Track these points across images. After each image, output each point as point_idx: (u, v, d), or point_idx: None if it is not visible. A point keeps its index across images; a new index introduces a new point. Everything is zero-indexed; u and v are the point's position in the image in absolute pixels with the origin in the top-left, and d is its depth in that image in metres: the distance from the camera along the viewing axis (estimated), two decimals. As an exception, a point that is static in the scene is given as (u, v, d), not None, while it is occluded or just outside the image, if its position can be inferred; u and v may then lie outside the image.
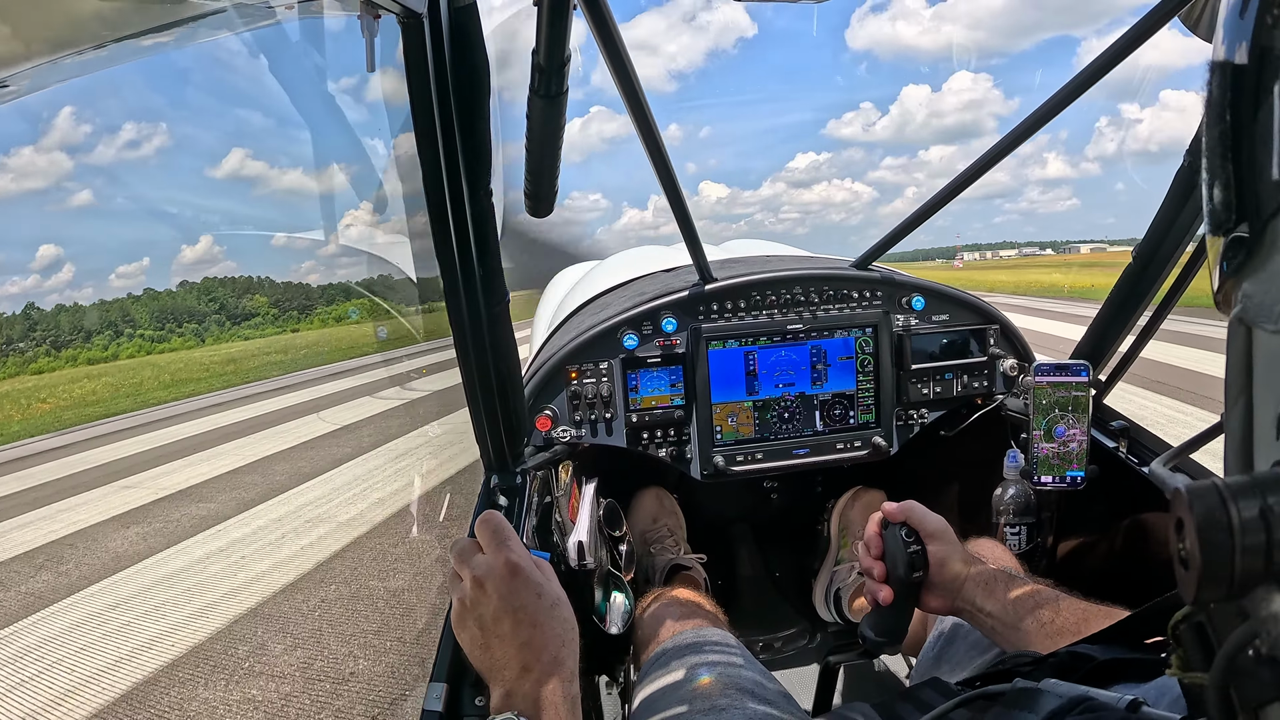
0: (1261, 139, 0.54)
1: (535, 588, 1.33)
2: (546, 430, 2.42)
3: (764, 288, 2.56)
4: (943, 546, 1.66)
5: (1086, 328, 2.39)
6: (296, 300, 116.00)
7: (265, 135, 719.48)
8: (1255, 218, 0.55)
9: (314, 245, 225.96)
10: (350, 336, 53.96)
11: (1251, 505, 0.50)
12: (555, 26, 1.25)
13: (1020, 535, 2.37)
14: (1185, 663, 0.68)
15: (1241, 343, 0.60)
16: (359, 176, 1.77)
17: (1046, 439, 2.25)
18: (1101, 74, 1.68)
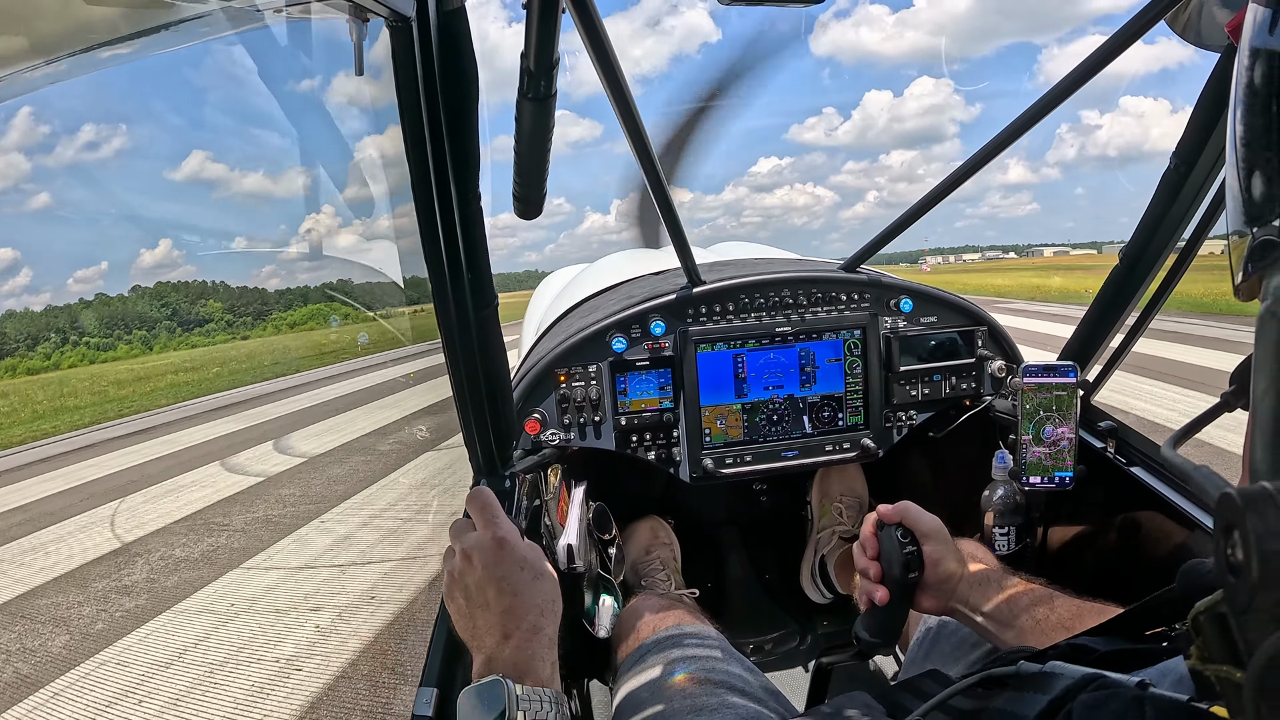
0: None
1: (519, 560, 1.38)
2: (535, 433, 2.42)
3: (752, 290, 2.56)
4: (938, 547, 1.66)
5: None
6: (253, 305, 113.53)
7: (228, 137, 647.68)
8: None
9: (275, 250, 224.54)
10: (308, 344, 51.32)
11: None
12: (544, 29, 1.25)
13: (1009, 536, 2.37)
14: (1204, 653, 0.66)
15: (1274, 336, 0.58)
16: (346, 181, 1.77)
17: (1035, 440, 2.26)
18: (1088, 77, 1.69)
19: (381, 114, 1.44)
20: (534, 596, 1.37)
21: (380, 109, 1.44)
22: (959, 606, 1.64)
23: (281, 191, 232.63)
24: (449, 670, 1.48)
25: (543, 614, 1.37)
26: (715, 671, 1.74)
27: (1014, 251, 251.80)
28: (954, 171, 2.16)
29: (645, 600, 2.13)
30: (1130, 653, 1.01)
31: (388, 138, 1.45)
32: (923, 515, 1.71)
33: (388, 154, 1.50)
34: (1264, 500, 0.50)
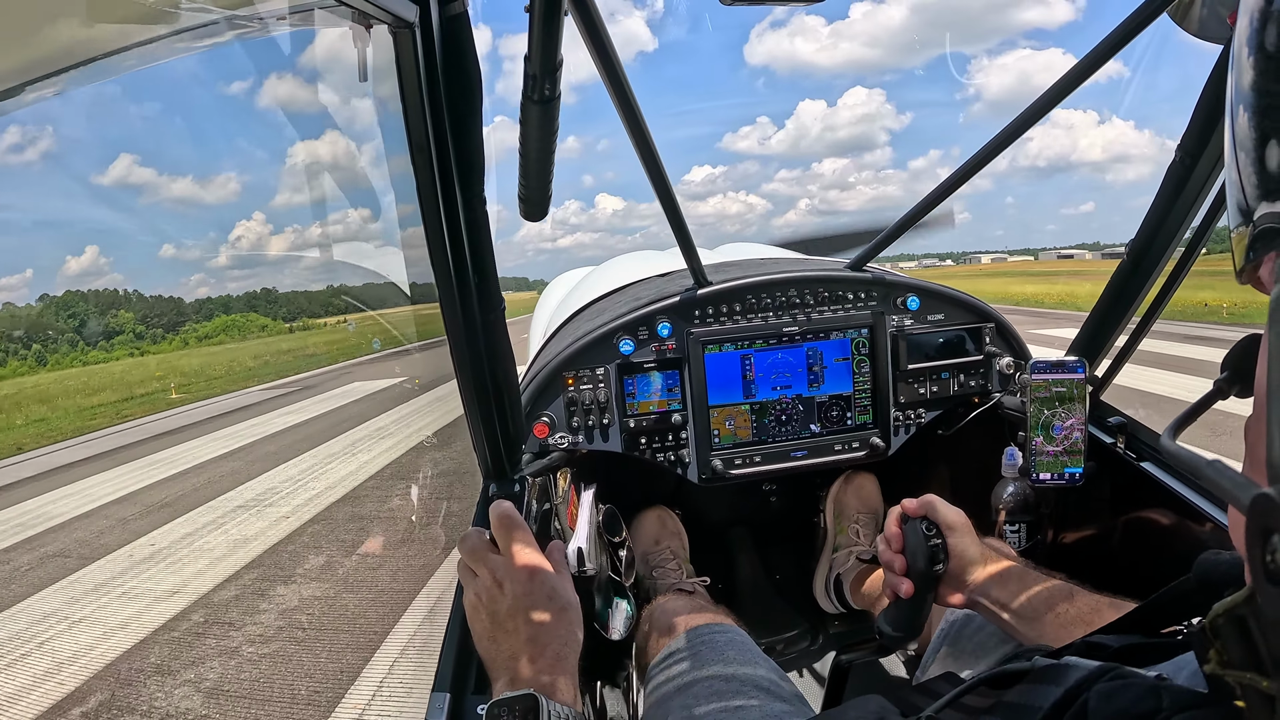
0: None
1: (549, 592, 1.41)
2: (544, 437, 2.42)
3: (759, 290, 2.56)
4: (962, 539, 1.67)
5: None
6: (167, 316, 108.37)
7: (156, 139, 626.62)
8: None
9: (204, 257, 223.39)
10: (214, 365, 42.59)
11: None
12: (547, 31, 1.25)
13: (1020, 533, 2.37)
14: (1224, 657, 0.63)
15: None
16: (351, 186, 1.77)
17: (1044, 436, 2.26)
18: (1091, 71, 1.68)
19: (386, 119, 1.44)
20: (560, 628, 1.39)
21: (384, 114, 1.44)
22: (981, 599, 1.64)
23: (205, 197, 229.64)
24: (462, 676, 1.48)
25: (566, 644, 1.39)
26: (745, 671, 1.76)
27: (950, 259, 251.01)
28: (956, 171, 2.15)
29: (669, 601, 2.13)
30: (1145, 648, 1.00)
31: (392, 143, 1.45)
32: (948, 508, 1.71)
33: (393, 159, 1.51)
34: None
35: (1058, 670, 0.92)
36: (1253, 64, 0.56)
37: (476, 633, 1.43)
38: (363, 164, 1.72)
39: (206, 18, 1.21)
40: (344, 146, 1.65)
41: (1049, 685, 0.89)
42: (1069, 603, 1.52)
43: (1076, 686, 0.82)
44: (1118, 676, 0.80)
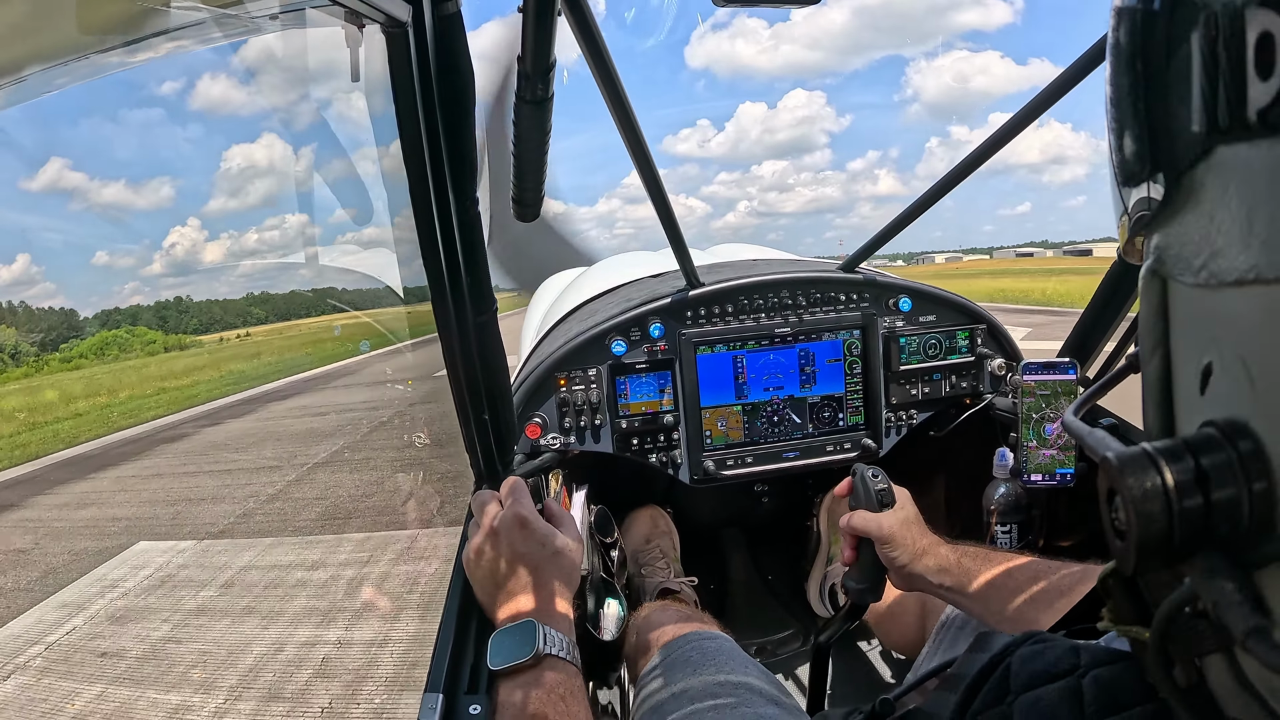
0: (1176, 88, 0.52)
1: (540, 538, 1.54)
2: (536, 438, 2.42)
3: (751, 292, 2.56)
4: (901, 537, 1.77)
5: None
6: (58, 330, 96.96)
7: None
8: (1170, 169, 0.54)
9: (138, 264, 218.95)
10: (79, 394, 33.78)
11: (1185, 469, 0.49)
12: (541, 32, 1.25)
13: (1011, 534, 2.37)
14: (1116, 614, 0.68)
15: (1156, 295, 0.59)
16: (343, 187, 1.76)
17: (1036, 438, 2.26)
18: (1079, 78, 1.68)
19: (378, 120, 1.44)
20: (553, 572, 1.53)
21: (377, 115, 1.44)
22: (928, 583, 1.75)
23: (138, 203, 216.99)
24: (455, 676, 1.48)
25: (555, 582, 1.52)
26: (737, 679, 1.77)
27: (901, 259, 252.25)
28: (945, 175, 2.15)
29: (657, 611, 2.14)
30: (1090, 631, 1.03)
31: (384, 144, 1.45)
32: (879, 522, 1.80)
33: (385, 160, 1.50)
34: (1142, 462, 0.51)
35: (987, 639, 0.96)
36: (1110, 59, 0.60)
37: (477, 580, 1.56)
38: (353, 165, 1.72)
39: (196, 16, 1.20)
40: (335, 147, 1.64)
41: (978, 653, 0.92)
42: (1007, 574, 1.61)
43: (1001, 652, 0.85)
44: (1039, 641, 0.83)
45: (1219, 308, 0.50)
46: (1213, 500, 0.48)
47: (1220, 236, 0.49)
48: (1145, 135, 0.56)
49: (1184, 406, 0.58)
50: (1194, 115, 0.49)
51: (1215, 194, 0.49)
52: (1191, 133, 0.50)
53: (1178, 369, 0.59)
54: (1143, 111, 0.56)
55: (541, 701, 1.30)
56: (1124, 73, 0.57)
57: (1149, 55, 0.55)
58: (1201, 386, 0.54)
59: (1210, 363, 0.53)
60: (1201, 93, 0.48)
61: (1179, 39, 0.51)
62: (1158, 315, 0.60)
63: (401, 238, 1.58)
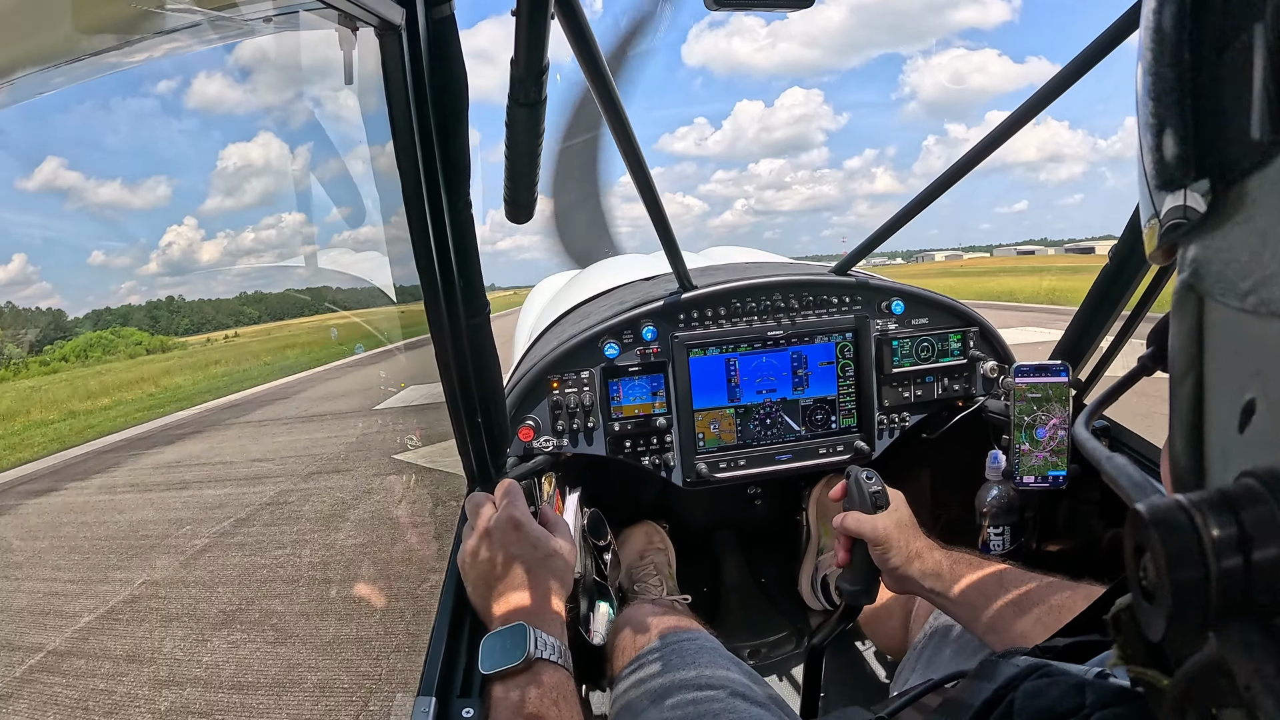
0: (1231, 85, 0.47)
1: (533, 540, 1.56)
2: (529, 440, 2.42)
3: (744, 294, 2.57)
4: (894, 540, 1.77)
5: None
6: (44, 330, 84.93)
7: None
8: (1219, 177, 0.49)
9: (134, 264, 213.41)
10: None
11: (1226, 526, 0.43)
12: (534, 34, 1.25)
13: (1004, 536, 2.38)
14: (1126, 653, 0.64)
15: (1192, 312, 0.54)
16: (337, 190, 1.76)
17: (1028, 440, 2.27)
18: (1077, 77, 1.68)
19: (371, 123, 1.44)
20: (545, 573, 1.54)
21: (370, 118, 1.44)
22: (920, 587, 1.75)
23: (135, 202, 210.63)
24: (447, 679, 1.48)
25: (547, 584, 1.53)
26: (717, 676, 1.77)
27: (900, 257, 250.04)
28: (938, 179, 2.15)
29: (639, 609, 2.13)
30: (1093, 645, 1.02)
31: (377, 146, 1.45)
32: (873, 523, 1.80)
33: (378, 163, 1.50)
34: (1177, 519, 0.45)
35: (993, 667, 0.95)
36: (1150, 44, 0.54)
37: (471, 581, 1.56)
38: (347, 166, 1.72)
39: (191, 19, 1.20)
40: (329, 149, 1.64)
41: (983, 681, 0.91)
42: (999, 584, 1.62)
43: (1006, 684, 0.84)
44: (1045, 675, 0.82)
45: (1268, 340, 0.45)
46: (1254, 562, 0.42)
47: (1276, 260, 0.44)
48: (1191, 136, 0.50)
49: (1218, 442, 0.53)
50: (1253, 119, 0.44)
51: (1272, 210, 0.44)
52: (1248, 138, 0.45)
53: (1212, 398, 0.54)
54: (1189, 109, 0.50)
55: (533, 705, 1.30)
56: (1168, 62, 0.51)
57: (1200, 43, 0.49)
58: (1241, 424, 0.49)
59: (1253, 400, 0.47)
60: (1265, 95, 0.43)
61: (1238, 27, 0.46)
62: (1192, 336, 0.55)
63: (395, 238, 1.58)
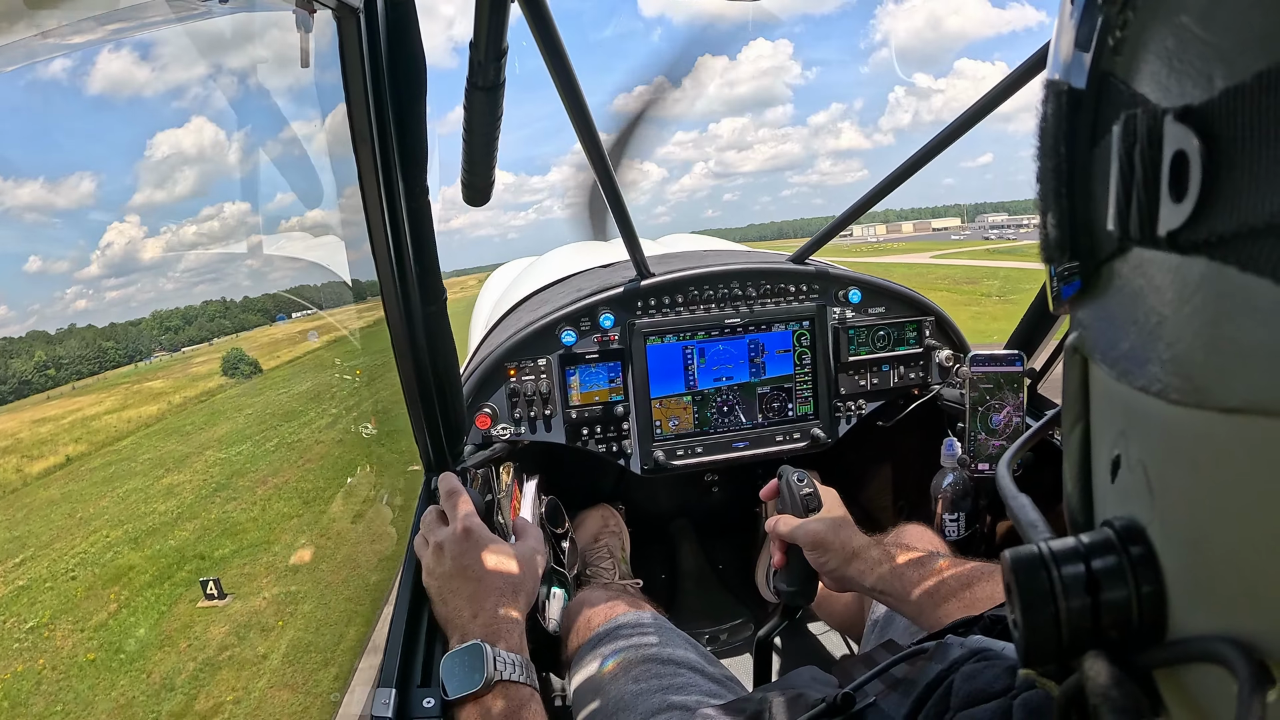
0: (1098, 178, 0.50)
1: (485, 550, 1.59)
2: (486, 428, 2.40)
3: (701, 282, 2.57)
4: (832, 542, 1.74)
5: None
6: None
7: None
8: (1089, 259, 0.54)
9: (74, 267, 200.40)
10: None
11: (1074, 572, 0.50)
12: (494, 18, 1.24)
13: (959, 522, 2.40)
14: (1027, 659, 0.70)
15: (1078, 371, 0.60)
16: (293, 177, 1.74)
17: (983, 428, 2.29)
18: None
19: (328, 107, 1.41)
20: (496, 580, 1.56)
21: (327, 102, 1.42)
22: (853, 587, 1.75)
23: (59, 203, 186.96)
24: (407, 670, 1.48)
25: (504, 594, 1.55)
26: (676, 654, 1.79)
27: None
28: (899, 167, 2.16)
29: (589, 593, 2.14)
30: None
31: (334, 132, 1.42)
32: (806, 529, 1.78)
33: (334, 148, 1.48)
34: (1033, 566, 0.52)
35: (944, 649, 0.99)
36: (1037, 136, 0.58)
37: (431, 598, 1.58)
38: (298, 153, 1.69)
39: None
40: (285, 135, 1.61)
41: (934, 663, 0.95)
42: (938, 577, 1.61)
43: (950, 666, 0.87)
44: (984, 658, 0.86)
45: (1129, 405, 0.50)
46: (1101, 601, 0.49)
47: (1132, 336, 0.48)
48: (1066, 222, 0.55)
49: (1099, 487, 0.59)
50: (1110, 215, 0.48)
51: (1130, 292, 0.49)
52: (1107, 230, 0.48)
53: (1095, 447, 0.59)
54: (1064, 198, 0.55)
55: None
56: (1048, 154, 0.56)
57: (1074, 138, 0.53)
58: (1112, 475, 0.54)
59: (1119, 455, 0.53)
60: (1117, 197, 0.47)
61: (1104, 127, 0.49)
62: (1079, 391, 0.60)
63: (350, 227, 1.56)
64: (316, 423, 26.86)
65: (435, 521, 1.68)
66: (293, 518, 17.62)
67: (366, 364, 18.75)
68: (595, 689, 1.76)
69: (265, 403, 32.06)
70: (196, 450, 26.17)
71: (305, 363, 39.58)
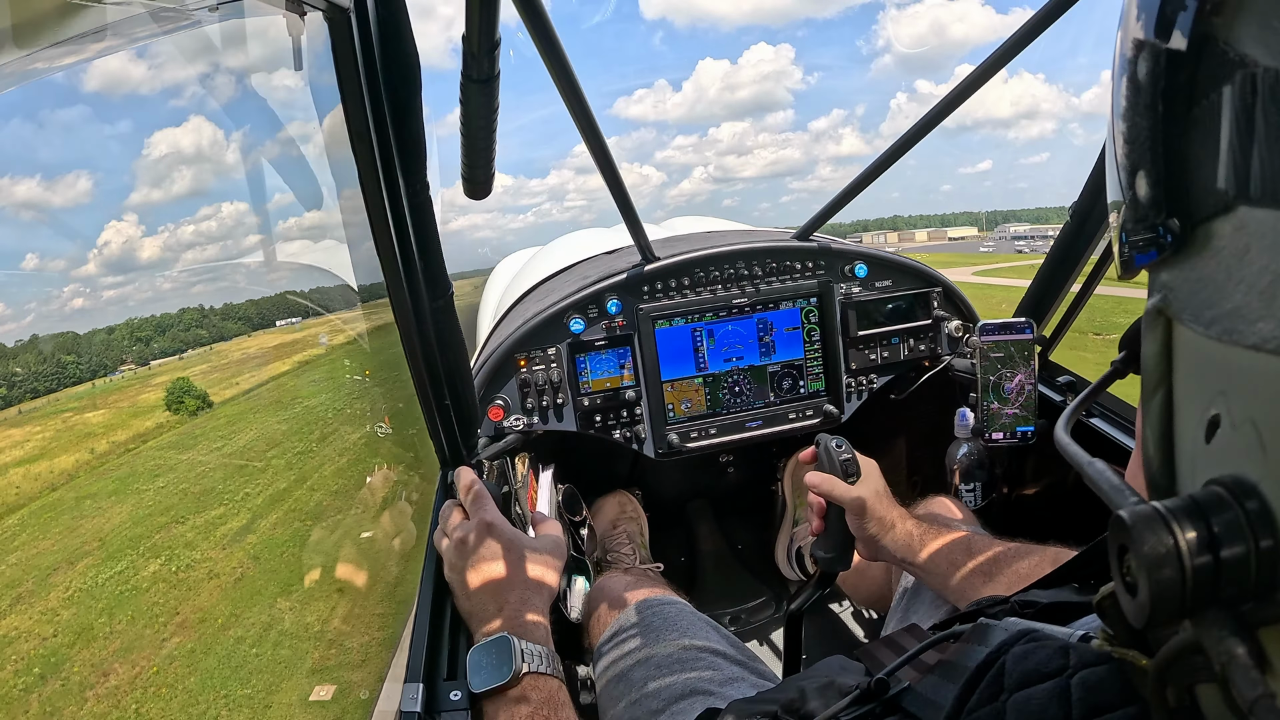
0: (1200, 137, 0.50)
1: (506, 542, 1.58)
2: (499, 420, 2.41)
3: (706, 264, 2.57)
4: (871, 510, 1.77)
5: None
6: None
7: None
8: (1186, 218, 0.53)
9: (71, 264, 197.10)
10: None
11: (1197, 529, 0.49)
12: (486, 9, 1.23)
13: (975, 492, 2.40)
14: (1110, 636, 0.70)
15: (1161, 334, 0.59)
16: (294, 179, 1.74)
17: (995, 397, 2.29)
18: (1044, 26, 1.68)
19: (325, 108, 1.41)
20: (519, 573, 1.56)
21: (323, 103, 1.41)
22: (888, 559, 1.79)
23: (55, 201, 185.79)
24: (432, 665, 1.48)
25: (527, 586, 1.55)
26: (697, 639, 1.79)
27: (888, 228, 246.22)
28: (895, 143, 2.16)
29: (612, 579, 2.15)
30: (1072, 605, 1.05)
31: (331, 133, 1.42)
32: (846, 490, 1.80)
33: (333, 149, 1.48)
34: (1155, 523, 0.51)
35: (986, 631, 0.98)
36: (1126, 93, 0.57)
37: (455, 593, 1.58)
38: (296, 155, 1.69)
39: (129, 11, 1.17)
40: (282, 138, 1.61)
41: (978, 646, 0.94)
42: (972, 555, 1.64)
43: (998, 649, 0.87)
44: (1033, 639, 0.85)
45: (1232, 364, 0.49)
46: (1222, 559, 0.48)
47: (1239, 295, 0.48)
48: (1162, 180, 0.54)
49: (1186, 451, 0.58)
50: (1221, 172, 0.47)
51: (1235, 251, 0.48)
52: (1215, 187, 0.48)
53: (1180, 410, 0.58)
54: (1160, 156, 0.54)
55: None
56: (1143, 113, 0.55)
57: (1171, 98, 0.53)
58: (1207, 436, 0.53)
59: (1218, 415, 0.52)
60: (1232, 153, 0.46)
61: (1208, 87, 0.49)
62: (1161, 355, 0.59)
63: (353, 226, 1.56)
64: (226, 525, 19.22)
65: (454, 516, 1.68)
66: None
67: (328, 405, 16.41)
68: (619, 677, 1.77)
69: (189, 468, 25.89)
70: (66, 561, 19.20)
71: (263, 397, 35.96)
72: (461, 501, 1.71)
